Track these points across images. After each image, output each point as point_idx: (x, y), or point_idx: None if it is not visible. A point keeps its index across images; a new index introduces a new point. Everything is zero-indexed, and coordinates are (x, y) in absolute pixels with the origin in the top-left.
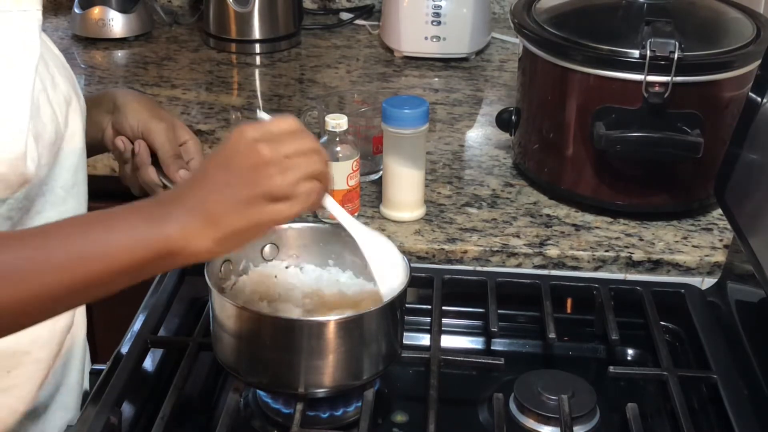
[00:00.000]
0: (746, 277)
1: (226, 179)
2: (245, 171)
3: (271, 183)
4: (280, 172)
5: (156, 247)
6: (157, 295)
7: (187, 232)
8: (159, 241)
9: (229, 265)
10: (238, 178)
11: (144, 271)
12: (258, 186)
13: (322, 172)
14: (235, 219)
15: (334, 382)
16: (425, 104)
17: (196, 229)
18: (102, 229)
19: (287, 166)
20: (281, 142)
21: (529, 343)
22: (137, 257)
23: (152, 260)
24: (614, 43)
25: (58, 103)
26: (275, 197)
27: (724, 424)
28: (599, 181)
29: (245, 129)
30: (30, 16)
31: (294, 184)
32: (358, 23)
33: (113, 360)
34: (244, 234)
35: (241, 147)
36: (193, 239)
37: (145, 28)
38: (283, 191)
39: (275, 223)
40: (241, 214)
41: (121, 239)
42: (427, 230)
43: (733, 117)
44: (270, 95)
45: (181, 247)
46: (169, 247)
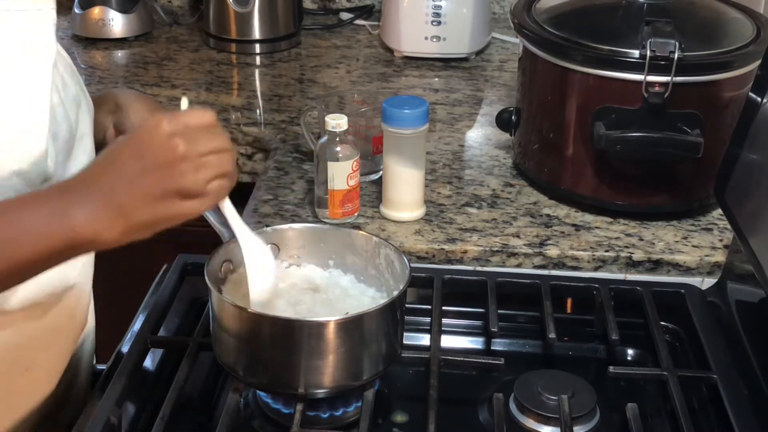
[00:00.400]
0: (746, 277)
1: (139, 171)
2: (159, 166)
3: (185, 180)
4: (194, 170)
5: (64, 239)
6: (157, 295)
7: (95, 223)
8: (66, 232)
9: (230, 265)
10: (152, 172)
11: (53, 261)
12: (171, 182)
13: (231, 170)
14: (144, 212)
15: (334, 382)
16: (425, 104)
17: (105, 221)
18: (6, 221)
19: (201, 164)
20: (197, 140)
21: (529, 343)
22: (45, 248)
23: (61, 251)
24: (614, 43)
25: (69, 104)
26: (187, 194)
27: (724, 424)
28: (599, 181)
29: (162, 120)
30: (45, 15)
31: (206, 182)
32: (358, 23)
33: (113, 360)
34: (151, 226)
35: (156, 139)
36: (101, 230)
37: (145, 28)
38: (195, 189)
39: (183, 218)
40: (151, 207)
41: (27, 230)
42: (427, 230)
43: (733, 117)
44: (270, 95)
45: (89, 239)
46: (77, 238)
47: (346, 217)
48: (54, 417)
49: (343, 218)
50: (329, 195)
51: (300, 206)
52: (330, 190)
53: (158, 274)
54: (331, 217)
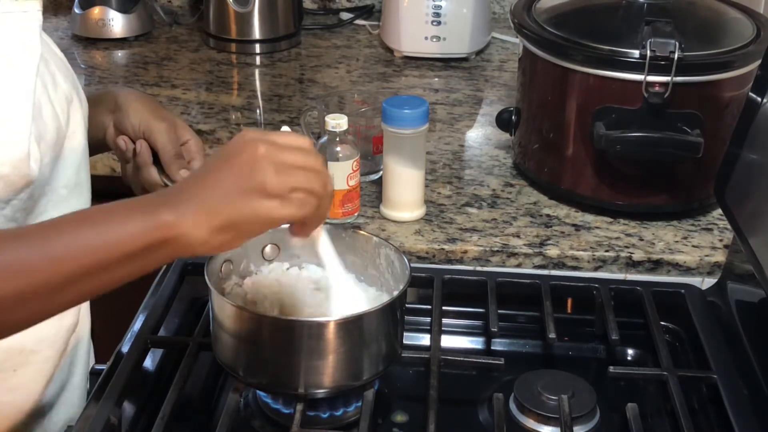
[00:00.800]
0: (746, 277)
1: (222, 173)
2: (240, 164)
3: (265, 177)
4: (276, 170)
5: (151, 235)
6: (157, 295)
7: (181, 220)
8: (154, 229)
9: (230, 265)
10: (233, 171)
11: (142, 261)
12: (250, 179)
13: (321, 192)
14: (227, 208)
15: (334, 382)
16: (425, 104)
17: (190, 217)
18: (100, 219)
19: (283, 169)
20: (282, 151)
21: (529, 343)
22: (133, 245)
23: (149, 248)
24: (614, 43)
25: (59, 103)
26: (267, 193)
27: (724, 424)
28: (599, 181)
29: (249, 131)
30: (30, 17)
31: (287, 187)
32: (358, 23)
33: (113, 360)
34: (237, 226)
35: (239, 144)
36: (188, 227)
37: (145, 28)
38: (275, 189)
39: (268, 220)
40: (233, 203)
41: (117, 228)
42: (427, 230)
43: (733, 117)
44: (270, 95)
45: (177, 235)
46: (165, 234)
47: (346, 217)
48: (47, 417)
49: (343, 218)
50: None
51: None
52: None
53: (158, 274)
54: (331, 217)
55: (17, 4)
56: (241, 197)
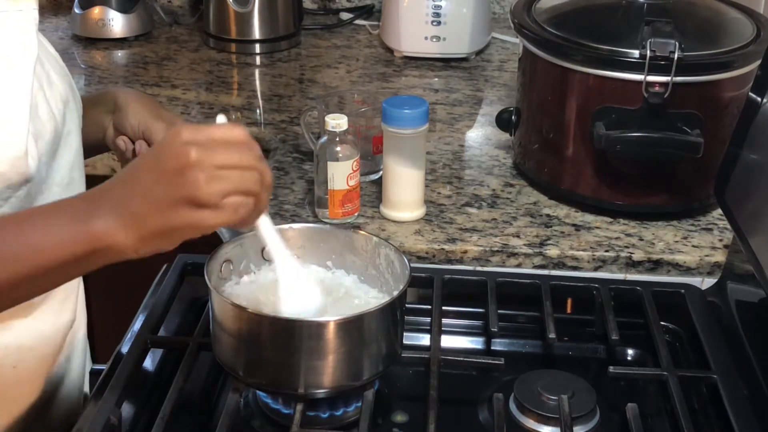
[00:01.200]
0: (746, 277)
1: (152, 179)
2: (170, 173)
3: (194, 189)
4: (206, 180)
5: (82, 245)
6: (157, 295)
7: (110, 231)
8: (84, 239)
9: (230, 265)
10: (162, 180)
11: (75, 268)
12: (180, 190)
13: (256, 191)
14: (155, 220)
15: (334, 382)
16: (425, 104)
17: (119, 228)
18: (31, 227)
19: (215, 175)
20: (214, 151)
21: (529, 343)
22: (64, 254)
23: (81, 257)
24: (614, 43)
25: (55, 102)
26: (198, 204)
27: (724, 424)
28: (599, 181)
29: (181, 130)
30: (26, 16)
31: (219, 195)
32: (358, 23)
33: (113, 360)
34: (166, 236)
35: (171, 148)
36: (117, 238)
37: (145, 28)
38: (206, 199)
39: (201, 228)
40: (162, 215)
41: (48, 237)
42: (427, 230)
43: (733, 117)
44: (270, 95)
45: (107, 245)
46: (95, 245)
47: (346, 217)
48: (45, 414)
49: (343, 218)
50: (329, 195)
51: (300, 206)
52: (330, 190)
53: (158, 274)
54: (331, 217)
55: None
56: (171, 208)
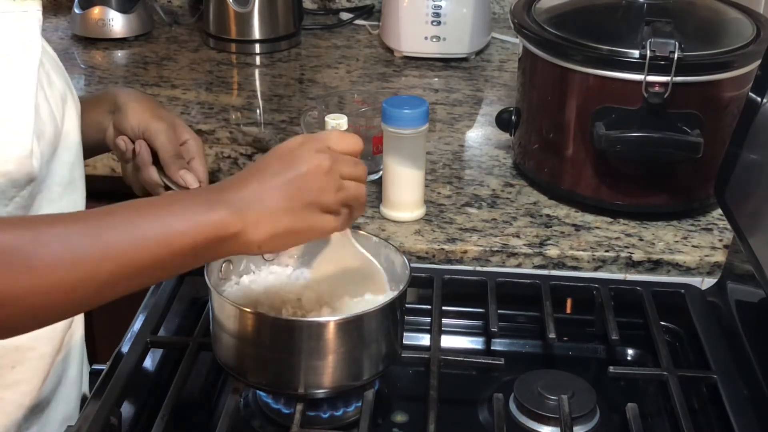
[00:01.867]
0: (746, 277)
1: (287, 179)
2: (305, 177)
3: (325, 195)
4: (335, 188)
5: (212, 230)
6: (157, 295)
7: (243, 217)
8: (216, 224)
9: (230, 266)
10: (299, 182)
11: (200, 256)
12: (313, 194)
13: (363, 202)
14: (291, 219)
15: (334, 382)
16: (425, 104)
17: (254, 219)
18: (160, 212)
19: (341, 185)
20: (342, 162)
21: (529, 343)
22: (193, 240)
23: (208, 243)
24: (614, 43)
25: (55, 102)
26: (324, 209)
27: (724, 424)
28: (599, 181)
29: (313, 137)
30: (30, 17)
31: (341, 203)
32: (358, 23)
33: (113, 360)
34: (295, 235)
35: (305, 151)
36: (250, 227)
37: (145, 28)
38: (331, 206)
39: (323, 232)
40: (295, 215)
41: (178, 222)
42: (427, 230)
43: (733, 117)
44: (270, 95)
45: (237, 233)
46: (226, 230)
47: None
48: (43, 415)
49: None
50: None
51: None
52: None
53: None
54: None
55: (17, 4)
56: (304, 210)
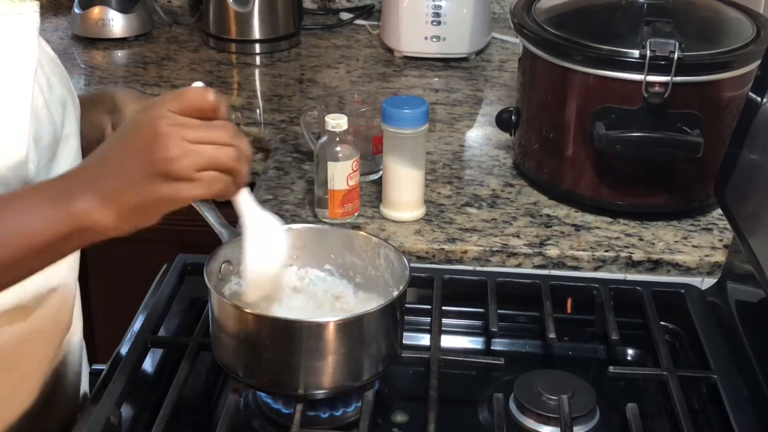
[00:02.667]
0: (746, 277)
1: (125, 155)
2: (142, 148)
3: (167, 163)
4: (179, 153)
5: (63, 226)
6: (157, 295)
7: (89, 210)
8: (64, 220)
9: (229, 266)
10: (135, 155)
11: (59, 249)
12: (154, 164)
13: (232, 166)
14: (131, 196)
15: (334, 383)
16: (425, 104)
17: (97, 206)
18: (10, 211)
19: (188, 149)
20: (186, 125)
21: (529, 343)
22: (47, 236)
23: (63, 238)
24: (614, 43)
25: (54, 105)
26: (172, 177)
27: (724, 424)
28: (599, 181)
29: (151, 103)
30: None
31: (192, 167)
32: (358, 23)
33: (113, 360)
34: (145, 210)
35: (142, 123)
36: (96, 216)
37: (145, 28)
38: (179, 172)
39: (176, 201)
40: (137, 191)
41: (29, 220)
42: (427, 230)
43: (733, 117)
44: (270, 95)
45: (88, 225)
46: (76, 224)
47: (346, 217)
48: (41, 418)
49: (343, 218)
50: (329, 195)
51: (300, 206)
52: (330, 190)
53: (158, 274)
54: (331, 217)
55: (13, 6)
56: (146, 182)
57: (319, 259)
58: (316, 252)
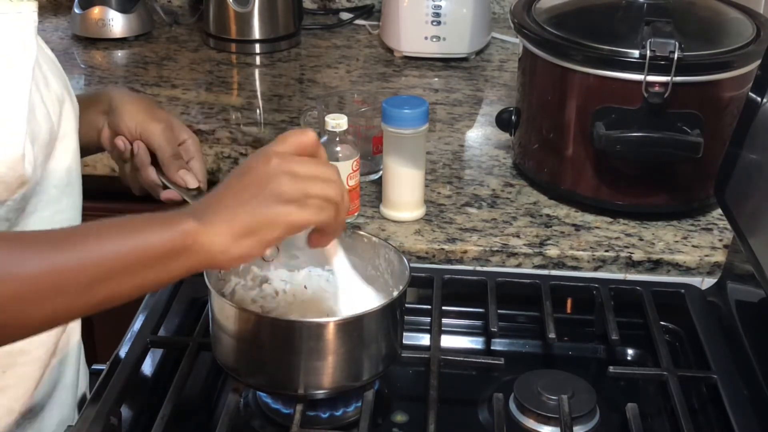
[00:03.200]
0: (746, 277)
1: (240, 186)
2: (257, 176)
3: (280, 184)
4: (290, 178)
5: (172, 241)
6: (157, 295)
7: (201, 227)
8: (175, 235)
9: None
10: (250, 183)
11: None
12: (267, 187)
13: (337, 200)
14: (245, 215)
15: (334, 383)
16: (425, 104)
17: (210, 225)
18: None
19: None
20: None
21: (529, 343)
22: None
23: (169, 254)
24: (614, 43)
25: (51, 104)
26: (284, 199)
27: (724, 424)
28: (599, 181)
29: (261, 150)
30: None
31: (303, 193)
32: (358, 23)
33: (113, 360)
34: (257, 231)
35: (254, 160)
36: (209, 234)
37: (145, 28)
38: (291, 194)
39: (287, 224)
40: (251, 210)
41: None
42: (427, 230)
43: (733, 117)
44: (270, 95)
45: (197, 242)
46: (185, 240)
47: (346, 217)
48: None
49: None
50: None
51: None
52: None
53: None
54: None
55: (12, 5)
56: (259, 204)
57: (319, 259)
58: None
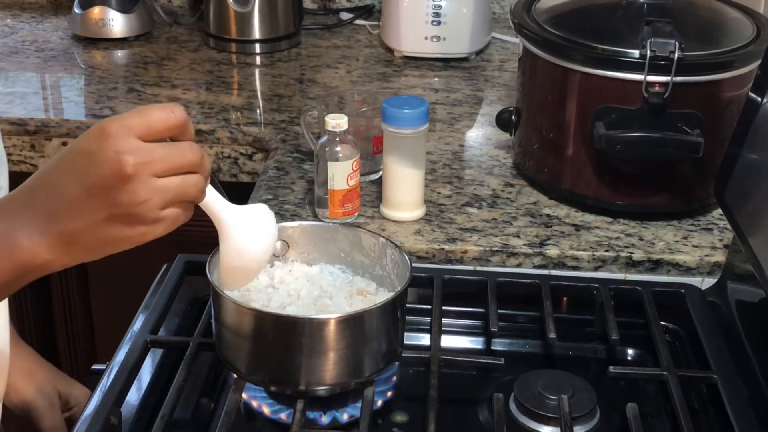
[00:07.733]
0: (746, 277)
1: (82, 192)
2: (103, 186)
3: (132, 206)
4: (146, 193)
5: (12, 265)
6: (157, 294)
7: (38, 251)
8: (13, 259)
9: None
10: (94, 192)
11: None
12: (117, 207)
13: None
14: (89, 237)
15: (335, 379)
16: (425, 104)
17: (47, 248)
18: None
19: (154, 188)
20: (153, 155)
21: (529, 343)
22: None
23: (13, 276)
24: (614, 43)
25: None
26: (136, 221)
27: (724, 424)
28: (599, 181)
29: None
30: None
31: (159, 208)
32: (358, 23)
33: (113, 360)
34: (98, 250)
35: (103, 156)
36: (46, 258)
37: (145, 28)
38: (144, 216)
39: (132, 245)
40: (94, 233)
41: None
42: (427, 230)
43: (733, 117)
44: (270, 95)
45: (37, 265)
46: (24, 265)
47: (346, 217)
48: None
49: (343, 218)
50: (329, 195)
51: (300, 206)
52: (330, 190)
53: (158, 274)
54: (331, 217)
55: None
56: (106, 226)
57: (328, 257)
58: (325, 250)
